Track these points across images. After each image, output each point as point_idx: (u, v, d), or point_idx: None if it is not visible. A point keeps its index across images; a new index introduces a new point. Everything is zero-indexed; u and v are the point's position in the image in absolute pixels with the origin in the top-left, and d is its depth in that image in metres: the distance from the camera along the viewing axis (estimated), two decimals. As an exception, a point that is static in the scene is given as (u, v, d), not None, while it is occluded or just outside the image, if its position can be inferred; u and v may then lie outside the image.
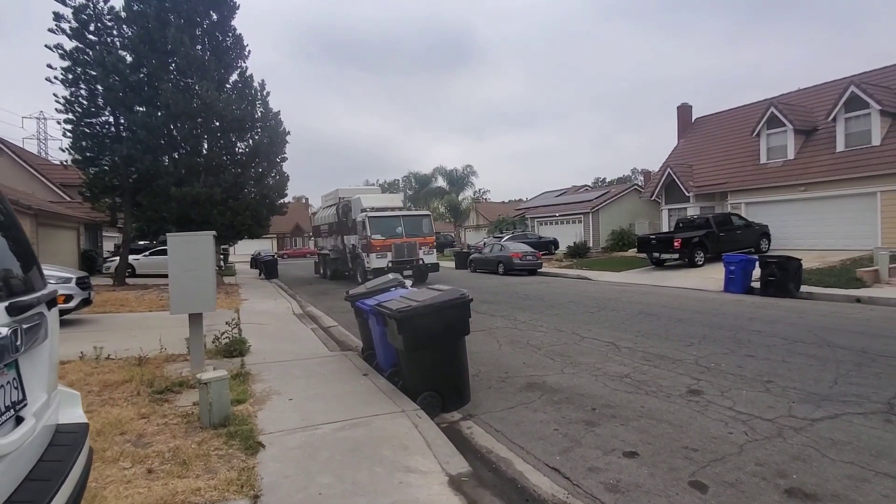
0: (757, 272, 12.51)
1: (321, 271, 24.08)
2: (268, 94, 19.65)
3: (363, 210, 17.53)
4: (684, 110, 28.23)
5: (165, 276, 20.50)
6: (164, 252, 22.64)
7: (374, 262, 16.35)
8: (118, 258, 19.85)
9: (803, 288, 11.70)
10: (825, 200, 18.17)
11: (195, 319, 5.88)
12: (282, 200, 21.32)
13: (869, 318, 8.64)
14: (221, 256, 27.79)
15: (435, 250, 18.27)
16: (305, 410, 4.59)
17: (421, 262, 17.25)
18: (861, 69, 20.48)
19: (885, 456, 3.55)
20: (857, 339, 7.02)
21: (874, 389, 4.91)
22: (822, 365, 5.81)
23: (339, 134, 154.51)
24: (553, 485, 3.42)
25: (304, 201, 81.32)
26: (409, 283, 7.22)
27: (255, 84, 19.54)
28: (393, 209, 18.57)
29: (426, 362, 4.84)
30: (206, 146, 18.86)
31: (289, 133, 20.00)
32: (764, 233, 18.87)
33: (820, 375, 5.43)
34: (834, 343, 6.80)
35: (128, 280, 18.72)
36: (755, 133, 21.03)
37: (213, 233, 6.14)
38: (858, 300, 10.55)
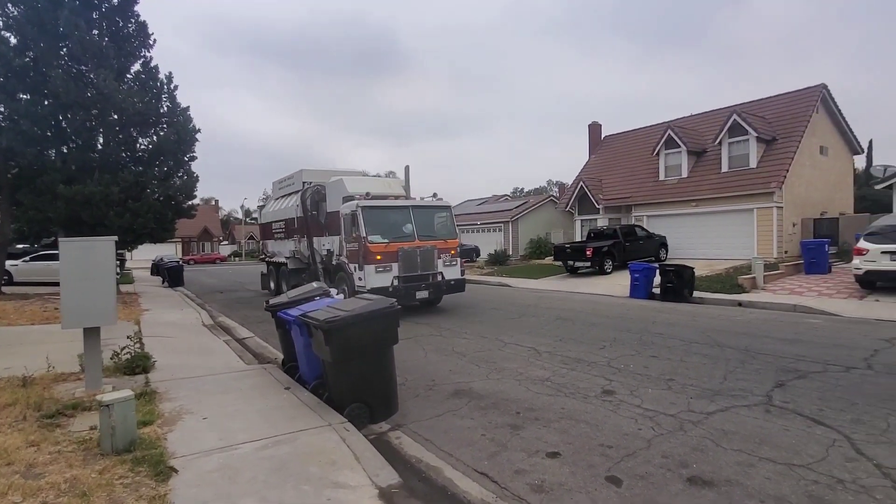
0: (657, 279, 13.71)
1: (273, 286, 16.76)
2: (176, 87, 18.29)
3: (348, 197, 11.72)
4: (595, 128, 30.32)
5: (48, 283, 18.30)
6: (47, 257, 20.12)
7: (373, 278, 10.60)
8: (-10, 264, 17.31)
9: (696, 293, 12.99)
10: (713, 215, 20.37)
11: (91, 334, 5.31)
12: (190, 202, 19.82)
13: (749, 320, 9.79)
14: (118, 262, 25.23)
15: (459, 259, 12.14)
16: (223, 429, 4.31)
17: (440, 277, 11.54)
18: (743, 99, 23.33)
19: (766, 443, 4.05)
20: (740, 339, 7.92)
21: (756, 384, 5.58)
22: (713, 363, 6.50)
23: (256, 133, 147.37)
24: (482, 489, 3.51)
25: (213, 203, 76.38)
26: (334, 291, 7.05)
27: (162, 76, 18.11)
28: (396, 197, 12.51)
29: (354, 373, 4.75)
30: (101, 141, 17.10)
31: (199, 131, 18.72)
32: (662, 243, 20.73)
33: (712, 373, 6.07)
34: (723, 343, 7.63)
35: (4, 289, 16.37)
36: (655, 152, 23.11)
37: (115, 237, 5.59)
38: (740, 304, 11.92)
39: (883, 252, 11.28)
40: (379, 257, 10.71)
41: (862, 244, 11.76)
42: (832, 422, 4.40)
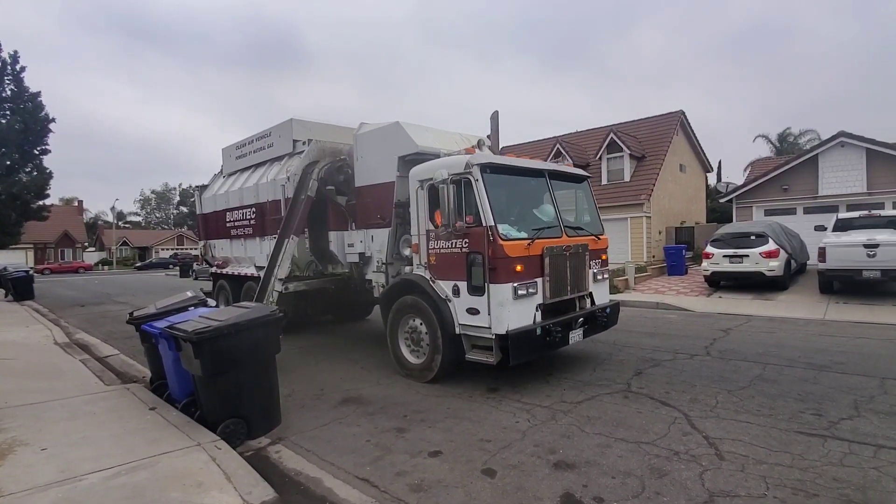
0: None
1: None
2: (22, 68, 15.96)
3: (414, 157, 6.88)
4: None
5: None
6: None
7: (509, 309, 5.42)
8: None
9: (578, 295, 14.13)
10: (593, 223, 22.31)
11: None
12: (41, 202, 17.30)
13: (620, 317, 10.81)
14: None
15: (608, 271, 7.34)
16: (66, 460, 3.80)
17: (589, 302, 6.71)
18: (620, 118, 25.92)
19: (622, 425, 4.51)
20: (610, 334, 8.68)
21: (619, 374, 6.20)
22: (586, 357, 7.11)
23: (132, 127, 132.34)
24: (362, 495, 3.48)
25: (76, 204, 67.30)
26: (213, 301, 6.56)
27: (5, 54, 15.69)
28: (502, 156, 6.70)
29: (229, 388, 4.45)
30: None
31: (53, 120, 16.45)
32: (551, 248, 22.23)
33: (584, 366, 6.63)
34: (595, 339, 8.33)
35: None
36: (544, 164, 24.79)
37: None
38: (614, 303, 13.19)
39: (724, 256, 13.19)
40: (520, 268, 5.56)
41: (709, 249, 13.63)
42: (675, 402, 5.04)
